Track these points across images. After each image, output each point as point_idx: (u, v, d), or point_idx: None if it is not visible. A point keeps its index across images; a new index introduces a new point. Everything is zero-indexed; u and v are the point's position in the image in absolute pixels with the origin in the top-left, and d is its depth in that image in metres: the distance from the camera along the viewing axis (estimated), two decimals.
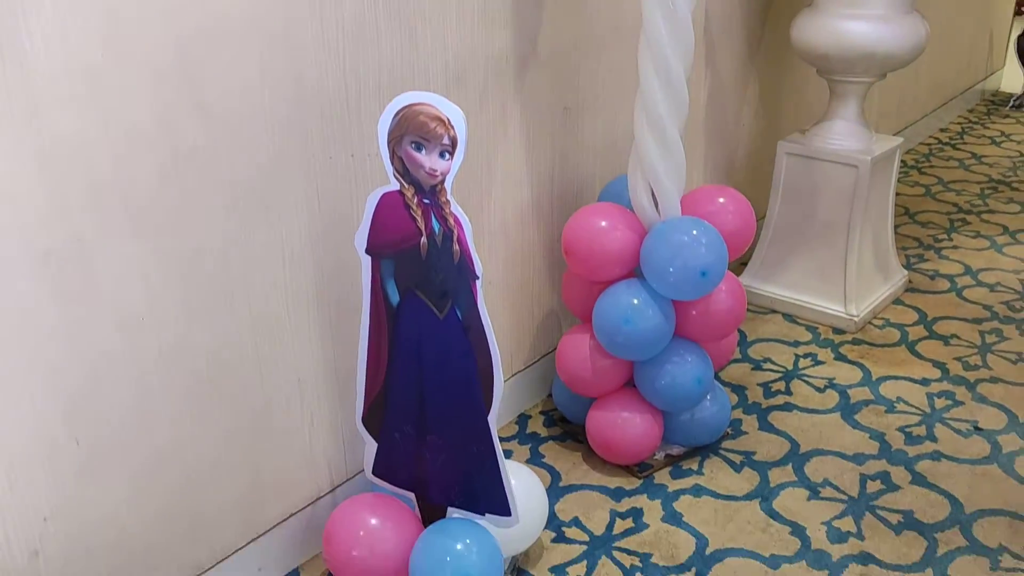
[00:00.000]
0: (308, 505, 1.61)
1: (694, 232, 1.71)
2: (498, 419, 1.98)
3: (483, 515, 1.44)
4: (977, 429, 2.01)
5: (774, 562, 1.62)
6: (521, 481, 1.53)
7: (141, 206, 1.22)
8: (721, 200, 1.86)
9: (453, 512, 1.46)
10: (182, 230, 1.28)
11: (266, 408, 1.49)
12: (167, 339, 1.30)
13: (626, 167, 1.83)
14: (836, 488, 1.82)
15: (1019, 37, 4.51)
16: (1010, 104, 4.58)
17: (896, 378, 2.22)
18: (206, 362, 1.36)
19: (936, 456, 1.92)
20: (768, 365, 2.28)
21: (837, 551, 1.65)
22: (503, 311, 1.95)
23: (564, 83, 1.93)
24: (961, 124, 4.32)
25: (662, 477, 1.86)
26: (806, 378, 2.22)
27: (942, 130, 4.22)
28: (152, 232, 1.24)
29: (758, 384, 2.20)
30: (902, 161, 3.79)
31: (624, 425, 1.81)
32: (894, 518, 1.74)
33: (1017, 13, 4.66)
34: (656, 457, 1.90)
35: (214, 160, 1.29)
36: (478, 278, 1.33)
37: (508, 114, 1.80)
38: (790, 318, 2.52)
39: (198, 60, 1.23)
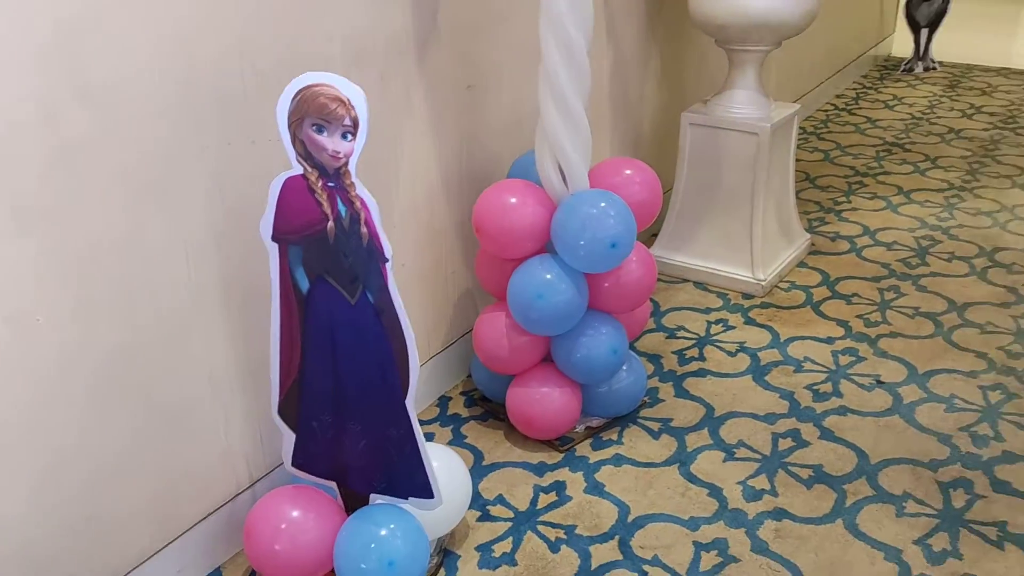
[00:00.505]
0: (227, 502, 1.58)
1: (602, 204, 1.73)
2: (418, 402, 1.98)
3: (406, 499, 1.43)
4: (879, 383, 2.10)
5: (693, 524, 1.66)
6: (443, 463, 1.52)
7: (25, 203, 1.16)
8: (628, 172, 1.88)
9: (376, 498, 1.45)
10: (74, 226, 1.22)
11: (177, 405, 1.44)
12: (66, 339, 1.24)
13: (534, 143, 1.83)
14: (750, 448, 1.88)
15: (907, 3, 4.68)
16: (901, 68, 4.76)
17: (803, 338, 2.29)
18: (109, 361, 1.31)
19: (842, 411, 1.99)
20: (682, 333, 2.33)
21: (753, 509, 1.70)
22: (417, 293, 1.94)
23: (467, 61, 1.91)
24: (856, 90, 4.47)
25: (583, 449, 1.88)
26: (718, 343, 2.28)
27: (838, 96, 4.36)
28: (40, 229, 1.18)
29: (673, 352, 2.24)
30: (801, 128, 3.90)
31: (543, 400, 1.83)
32: (805, 473, 1.80)
33: None
34: (577, 430, 1.92)
35: (103, 150, 1.23)
36: (388, 260, 1.31)
37: (411, 93, 1.78)
38: (701, 286, 2.57)
39: (79, 42, 1.17)
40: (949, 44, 4.95)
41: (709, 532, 1.64)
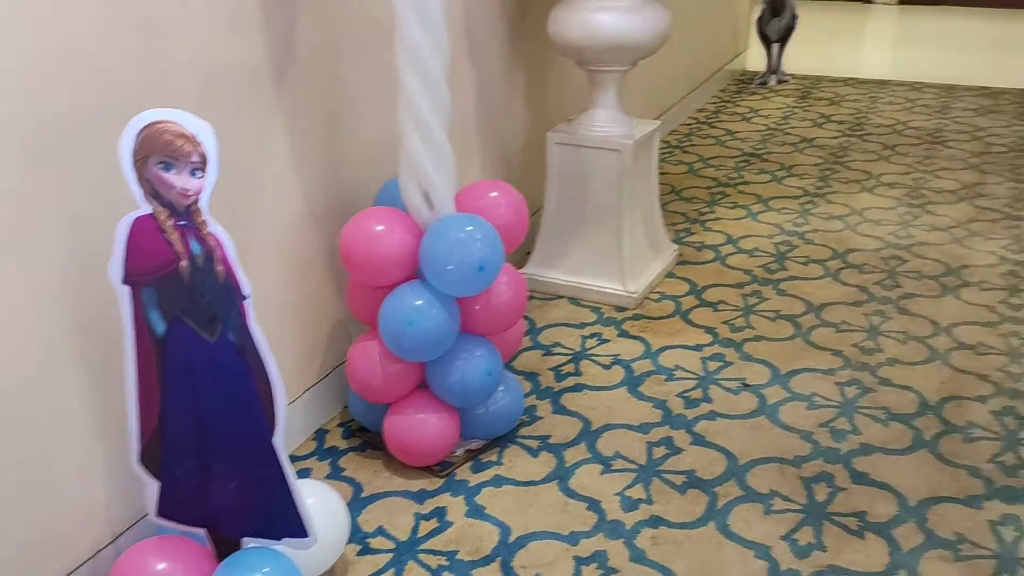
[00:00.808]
0: (89, 559, 1.50)
1: (468, 229, 1.74)
2: (293, 437, 1.94)
3: (280, 540, 1.40)
4: (745, 386, 2.19)
5: (573, 539, 1.69)
6: (318, 499, 1.50)
7: None
8: (493, 194, 1.90)
9: (248, 542, 1.41)
10: None
11: (32, 461, 1.36)
12: None
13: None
14: (626, 459, 1.92)
15: (758, 20, 4.92)
16: (756, 82, 4.99)
17: (673, 347, 2.37)
18: None
19: (712, 416, 2.07)
20: (558, 349, 2.37)
21: (630, 519, 1.74)
22: (287, 326, 1.90)
23: (328, 87, 1.90)
24: (715, 104, 4.67)
25: (463, 473, 1.88)
26: (593, 357, 2.33)
27: (699, 110, 4.54)
28: None
29: (549, 369, 2.28)
30: (666, 142, 4.04)
31: (420, 427, 1.82)
32: (679, 479, 1.86)
33: None
34: (456, 454, 1.92)
35: None
36: (247, 297, 1.29)
37: (271, 123, 1.75)
38: (575, 301, 2.62)
39: None
40: (799, 57, 5.23)
41: (589, 545, 1.67)
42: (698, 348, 2.36)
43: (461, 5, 2.35)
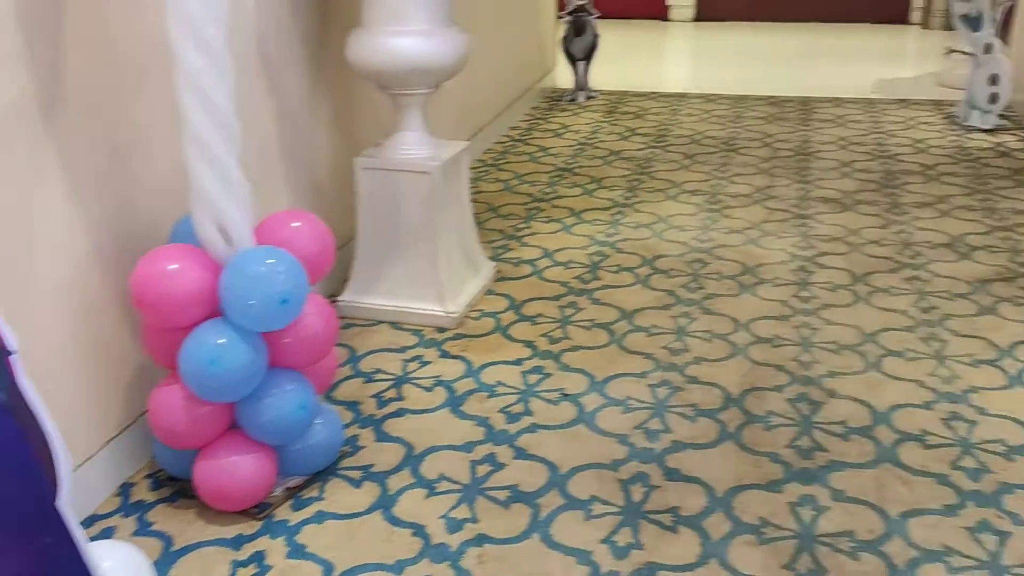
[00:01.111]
0: None
1: (270, 262, 1.69)
2: (94, 494, 1.82)
3: None
4: (565, 396, 2.24)
5: (398, 568, 1.67)
6: (117, 561, 1.39)
7: None
8: (296, 224, 1.86)
9: None
10: None
11: None
12: None
13: None
14: (451, 480, 1.92)
15: (563, 39, 5.10)
16: (565, 99, 5.17)
17: (494, 363, 2.39)
18: None
19: (533, 428, 2.10)
20: (379, 375, 2.34)
21: (455, 540, 1.74)
22: (77, 375, 1.77)
23: (108, 122, 1.80)
24: (528, 121, 4.79)
25: (283, 512, 1.82)
26: (415, 381, 2.32)
27: (513, 128, 4.64)
28: None
29: (371, 396, 2.24)
30: (481, 160, 4.10)
31: (233, 470, 1.75)
32: (502, 495, 1.87)
33: (559, 17, 5.26)
34: (275, 494, 1.85)
35: None
36: (13, 352, 1.19)
37: (42, 161, 1.64)
38: (396, 326, 2.60)
39: None
40: (606, 74, 5.45)
41: (414, 573, 1.66)
42: (518, 362, 2.40)
43: (253, 31, 2.29)
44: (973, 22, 4.37)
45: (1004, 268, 2.92)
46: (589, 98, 5.16)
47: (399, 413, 2.17)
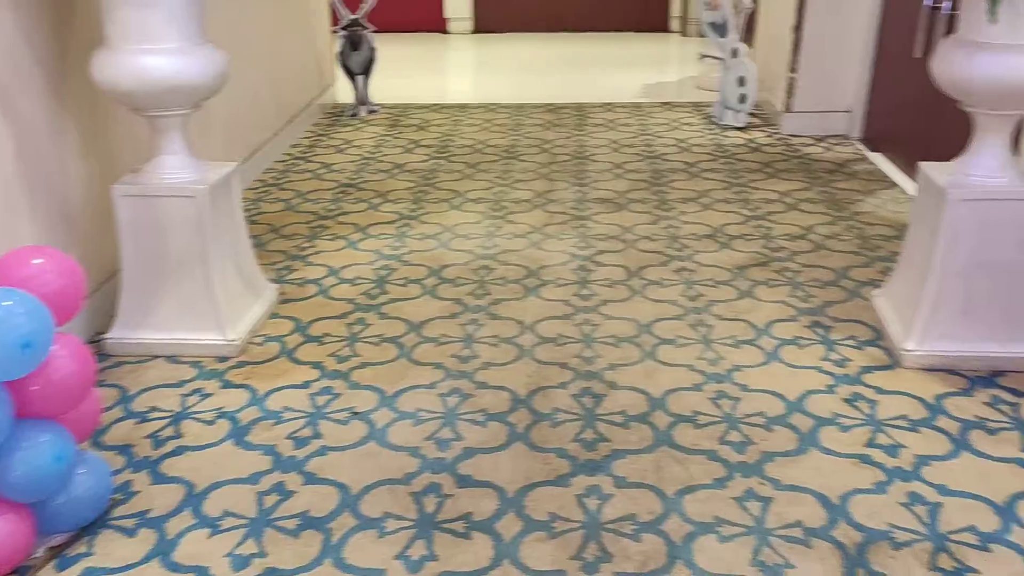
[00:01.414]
0: None
1: (7, 304, 1.55)
2: None
3: None
4: (355, 414, 2.21)
5: None
6: None
7: None
8: (38, 261, 1.71)
9: None
10: None
11: None
12: None
13: None
14: (236, 515, 1.84)
15: (339, 53, 5.04)
16: (347, 114, 5.11)
17: (281, 389, 2.32)
18: None
19: (323, 451, 2.05)
20: (155, 414, 2.20)
21: None
22: None
23: None
24: (310, 138, 4.69)
25: (46, 575, 1.67)
26: (195, 415, 2.20)
27: (294, 145, 4.53)
28: None
29: (145, 437, 2.11)
30: (261, 180, 3.97)
31: None
32: (292, 523, 1.81)
33: (334, 31, 5.19)
34: (36, 555, 1.69)
35: None
36: None
37: None
38: (173, 359, 2.46)
39: None
40: (388, 87, 5.45)
41: None
42: (306, 385, 2.34)
43: None
44: (720, 28, 4.75)
45: (758, 254, 3.18)
46: (371, 112, 5.13)
47: (178, 451, 2.05)
